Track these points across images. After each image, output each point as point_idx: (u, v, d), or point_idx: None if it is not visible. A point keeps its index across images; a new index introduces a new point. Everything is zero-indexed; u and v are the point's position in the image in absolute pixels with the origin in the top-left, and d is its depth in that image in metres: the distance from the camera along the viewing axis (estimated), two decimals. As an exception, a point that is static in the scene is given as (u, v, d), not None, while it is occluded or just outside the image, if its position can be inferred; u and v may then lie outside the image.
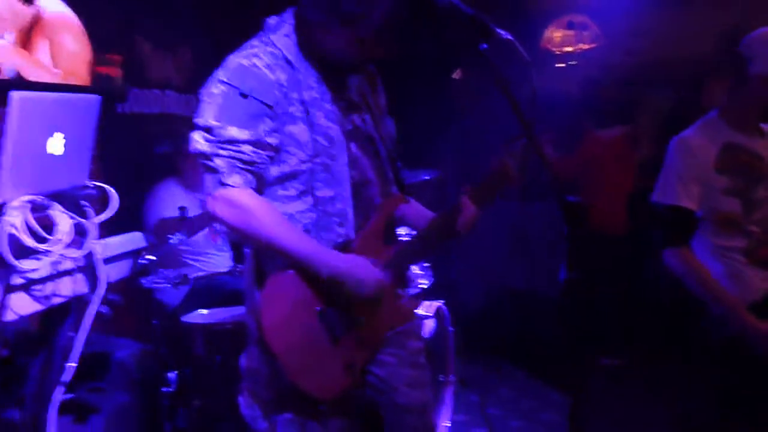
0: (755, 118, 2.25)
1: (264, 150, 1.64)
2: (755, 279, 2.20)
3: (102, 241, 1.91)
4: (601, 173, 4.12)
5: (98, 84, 2.78)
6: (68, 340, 1.89)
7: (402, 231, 2.70)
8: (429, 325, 2.98)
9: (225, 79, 1.64)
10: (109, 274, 1.92)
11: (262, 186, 1.68)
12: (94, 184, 1.87)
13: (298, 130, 1.66)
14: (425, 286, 3.22)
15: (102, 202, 1.89)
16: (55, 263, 1.75)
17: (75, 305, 1.88)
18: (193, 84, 3.67)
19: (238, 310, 2.81)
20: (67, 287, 1.83)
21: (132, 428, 2.44)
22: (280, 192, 1.69)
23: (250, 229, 1.61)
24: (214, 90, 1.65)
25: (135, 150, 3.33)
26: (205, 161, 1.64)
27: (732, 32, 6.31)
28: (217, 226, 1.74)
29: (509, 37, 1.59)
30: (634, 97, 5.66)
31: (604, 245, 3.76)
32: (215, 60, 1.75)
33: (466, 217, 1.82)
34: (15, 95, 1.55)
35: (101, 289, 1.88)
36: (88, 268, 1.88)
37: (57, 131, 1.70)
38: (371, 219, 1.75)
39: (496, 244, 4.33)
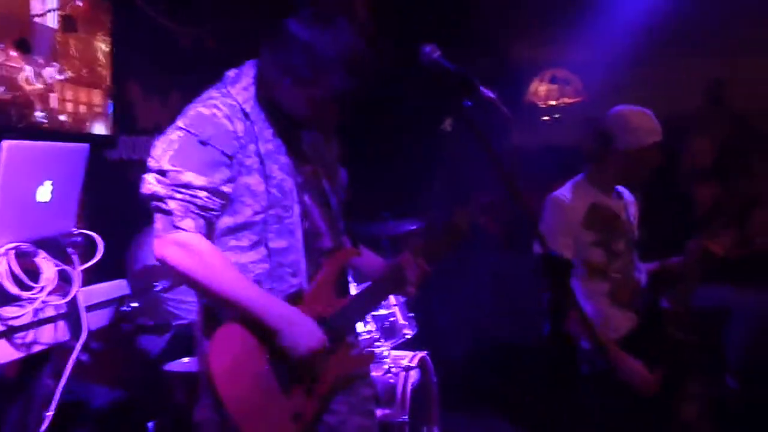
0: (615, 182, 2.59)
1: (219, 198, 1.65)
2: (618, 318, 2.50)
3: (86, 289, 1.92)
4: None
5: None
6: (47, 387, 1.87)
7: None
8: (413, 376, 2.97)
9: (184, 126, 1.65)
10: (91, 321, 1.92)
11: (211, 235, 1.68)
12: (81, 231, 1.88)
13: (254, 181, 1.67)
14: (409, 336, 3.22)
15: (88, 249, 1.90)
16: (37, 310, 1.75)
17: (55, 352, 1.87)
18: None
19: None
20: (49, 334, 1.82)
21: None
22: (233, 242, 1.69)
23: (200, 274, 1.61)
24: (172, 136, 1.65)
25: (121, 196, 3.35)
26: (158, 203, 1.63)
27: (715, 88, 6.48)
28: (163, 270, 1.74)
29: (491, 95, 1.64)
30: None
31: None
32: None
33: (414, 273, 1.87)
34: (5, 144, 1.58)
35: (83, 337, 1.88)
36: (71, 315, 1.88)
37: (46, 179, 1.73)
38: (322, 270, 1.77)
39: (478, 294, 4.35)
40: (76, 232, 1.87)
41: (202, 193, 1.62)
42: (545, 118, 6.69)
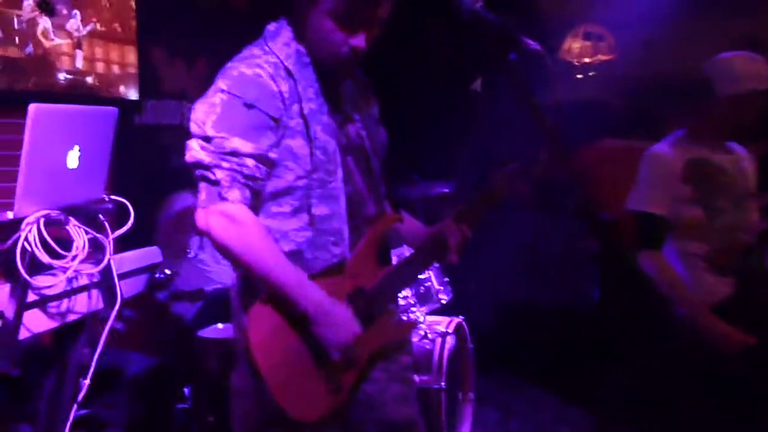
0: (720, 135, 2.41)
1: (266, 165, 1.56)
2: (714, 284, 2.35)
3: (118, 256, 1.88)
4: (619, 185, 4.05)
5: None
6: (82, 356, 1.85)
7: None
8: (449, 342, 2.92)
9: (226, 88, 1.54)
10: (124, 289, 1.89)
11: (257, 204, 1.60)
12: (111, 198, 1.84)
13: (297, 144, 1.59)
14: (445, 301, 3.17)
15: (119, 216, 1.86)
16: (70, 279, 1.72)
17: (90, 321, 1.85)
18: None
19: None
20: (83, 304, 1.80)
21: (146, 445, 2.40)
22: (274, 209, 1.61)
23: (242, 249, 1.53)
24: (215, 99, 1.55)
25: (151, 162, 3.31)
26: (204, 172, 1.54)
27: (750, 41, 6.30)
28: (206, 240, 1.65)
29: (537, 47, 1.55)
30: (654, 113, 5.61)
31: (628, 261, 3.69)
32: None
33: (456, 240, 1.77)
34: (32, 108, 1.52)
35: (117, 306, 1.85)
36: (104, 283, 1.85)
37: (75, 144, 1.67)
38: (363, 238, 1.69)
39: (509, 259, 4.26)
40: (106, 199, 1.83)
41: (250, 161, 1.53)
42: (579, 75, 6.52)
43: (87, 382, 1.83)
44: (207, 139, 1.53)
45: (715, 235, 2.34)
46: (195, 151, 1.54)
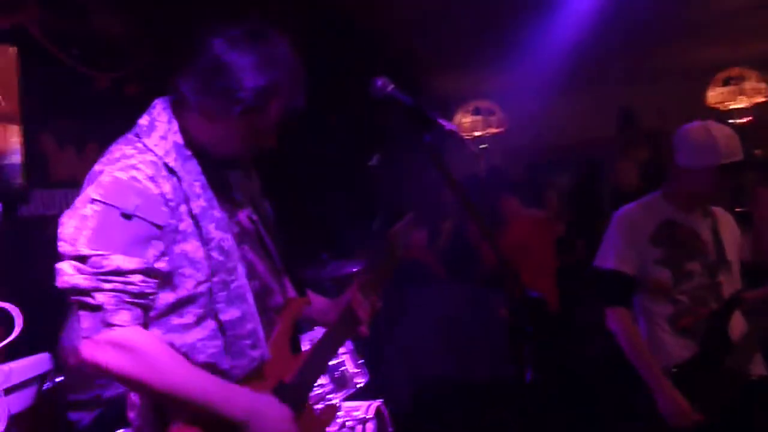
0: (693, 199, 2.40)
1: (155, 278, 1.38)
2: (675, 347, 2.34)
3: (6, 366, 1.69)
4: (530, 255, 4.15)
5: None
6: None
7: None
8: (369, 428, 2.80)
9: (99, 198, 1.36)
10: (12, 405, 1.69)
11: (147, 319, 1.41)
12: (-4, 304, 1.66)
13: (191, 248, 1.42)
14: (361, 385, 3.06)
15: (3, 321, 1.67)
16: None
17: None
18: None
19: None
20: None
21: None
22: (176, 321, 1.43)
23: (145, 376, 1.35)
24: (86, 211, 1.36)
25: (41, 257, 3.07)
26: (83, 297, 1.34)
27: (627, 115, 6.79)
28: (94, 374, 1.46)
29: (453, 127, 1.55)
30: (541, 180, 5.88)
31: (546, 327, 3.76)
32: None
33: (366, 312, 1.72)
34: None
35: (2, 424, 1.64)
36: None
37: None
38: (275, 330, 1.58)
39: (427, 334, 4.23)
40: (-10, 306, 1.65)
41: (136, 278, 1.36)
42: (478, 147, 6.76)
43: None
44: (81, 258, 1.34)
45: (681, 297, 2.33)
46: (68, 275, 1.35)
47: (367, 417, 2.81)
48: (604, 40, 5.29)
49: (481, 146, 6.82)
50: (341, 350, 3.03)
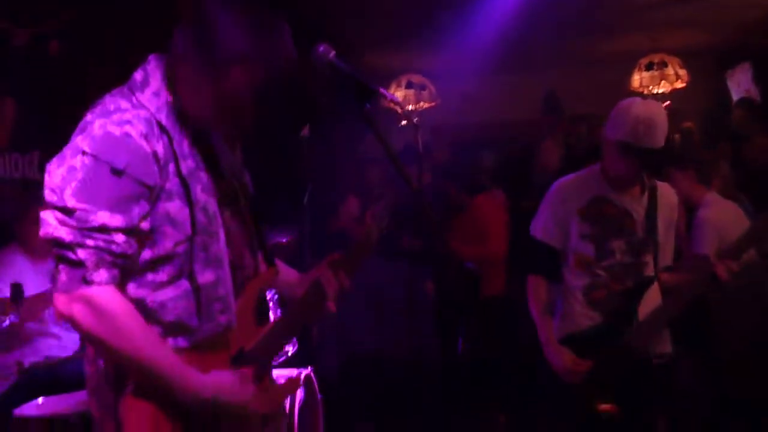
0: (616, 177, 2.38)
1: (138, 238, 1.38)
2: (582, 317, 2.41)
3: None
4: (484, 236, 4.22)
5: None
6: None
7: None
8: (299, 395, 2.83)
9: (90, 151, 1.34)
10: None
11: (127, 276, 1.41)
12: None
13: (175, 207, 1.42)
14: (291, 353, 3.07)
15: None
16: None
17: None
18: (18, 142, 3.31)
19: (81, 396, 2.49)
20: None
21: None
22: (150, 277, 1.43)
23: (111, 339, 1.35)
24: (75, 162, 1.34)
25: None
26: (65, 251, 1.34)
27: (550, 97, 6.98)
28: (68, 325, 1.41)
29: (394, 97, 1.57)
30: (477, 161, 5.96)
31: (491, 309, 3.85)
32: (45, 115, 1.50)
33: (334, 289, 1.72)
34: None
35: None
36: None
37: None
38: (241, 297, 1.58)
39: (354, 306, 4.28)
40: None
41: (120, 237, 1.35)
42: (403, 122, 6.80)
43: None
44: (67, 211, 1.33)
45: (600, 272, 2.38)
46: (52, 226, 1.33)
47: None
48: (533, 25, 5.41)
49: (413, 120, 6.87)
50: (272, 319, 3.04)
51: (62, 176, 1.34)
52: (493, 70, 6.63)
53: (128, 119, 1.38)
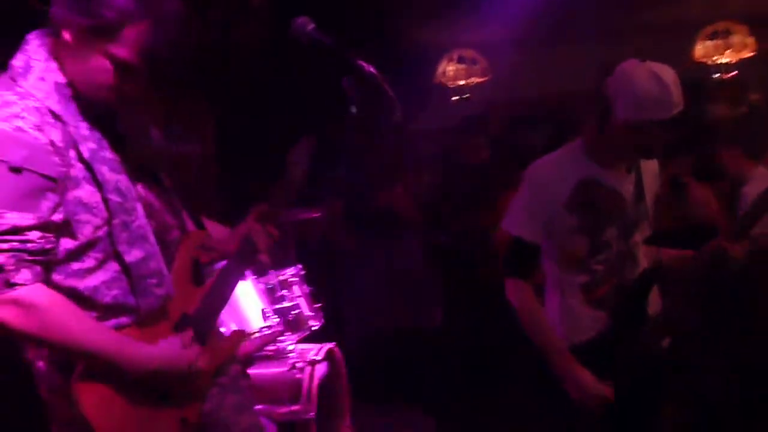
0: (619, 155, 2.13)
1: (53, 232, 1.37)
2: (587, 319, 2.15)
3: None
4: None
5: None
6: None
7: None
8: (320, 370, 2.87)
9: None
10: None
11: (51, 269, 1.41)
12: None
13: (85, 193, 1.41)
14: (315, 327, 3.11)
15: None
16: None
17: None
18: None
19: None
20: None
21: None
22: (76, 266, 1.43)
23: (49, 334, 1.36)
24: None
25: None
26: None
27: (607, 69, 6.71)
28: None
29: (373, 70, 1.54)
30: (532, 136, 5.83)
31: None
32: None
33: (265, 241, 1.72)
34: None
35: None
36: None
37: None
38: (174, 264, 1.61)
39: (376, 282, 4.29)
40: None
41: (34, 234, 1.34)
42: (455, 98, 6.71)
43: None
44: None
45: (598, 267, 2.13)
46: None
47: (317, 359, 2.87)
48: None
49: (463, 96, 6.79)
50: (296, 293, 3.08)
51: None
52: (546, 41, 6.44)
53: (17, 113, 1.35)
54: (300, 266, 3.15)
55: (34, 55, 1.43)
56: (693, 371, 2.35)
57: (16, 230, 1.32)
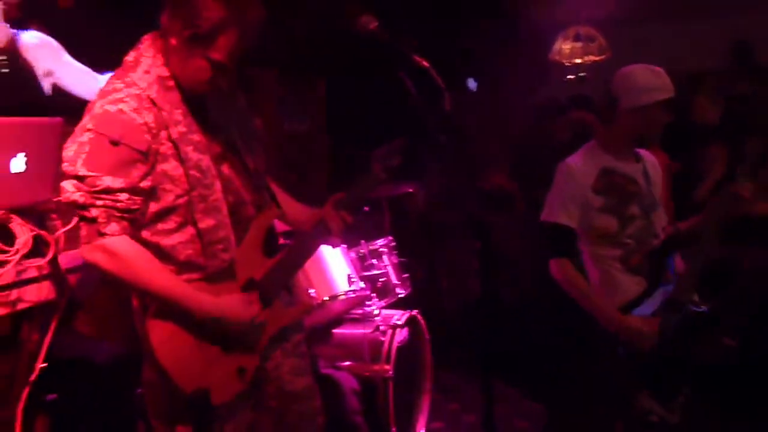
0: (627, 144, 2.54)
1: (139, 195, 1.68)
2: (628, 283, 2.49)
3: (70, 252, 2.07)
4: None
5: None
6: (35, 342, 2.05)
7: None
8: (401, 334, 3.07)
9: (93, 127, 1.63)
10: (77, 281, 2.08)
11: (140, 225, 1.73)
12: (58, 199, 2.03)
13: (171, 167, 1.70)
14: (402, 295, 3.32)
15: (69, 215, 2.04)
16: (19, 271, 1.92)
17: (40, 310, 2.04)
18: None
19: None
20: (33, 293, 1.99)
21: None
22: (161, 226, 1.74)
23: (128, 277, 1.67)
24: (83, 138, 1.64)
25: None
26: (81, 211, 1.65)
27: (741, 47, 6.28)
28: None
29: (425, 65, 1.70)
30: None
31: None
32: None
33: (338, 226, 1.95)
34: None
35: (65, 295, 2.04)
36: (54, 275, 2.04)
37: (19, 152, 1.88)
38: (248, 234, 1.86)
39: (469, 257, 4.40)
40: (54, 200, 2.02)
41: (123, 196, 1.65)
42: (570, 76, 6.60)
43: (42, 365, 2.03)
44: (79, 178, 1.63)
45: (628, 240, 2.49)
46: (69, 192, 1.64)
47: (399, 323, 3.08)
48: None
49: (580, 74, 6.66)
50: (386, 263, 3.29)
51: (75, 150, 1.65)
52: (670, 15, 6.16)
53: (121, 98, 1.67)
54: (390, 238, 3.37)
55: (144, 53, 1.76)
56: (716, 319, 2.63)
57: (108, 191, 1.64)
